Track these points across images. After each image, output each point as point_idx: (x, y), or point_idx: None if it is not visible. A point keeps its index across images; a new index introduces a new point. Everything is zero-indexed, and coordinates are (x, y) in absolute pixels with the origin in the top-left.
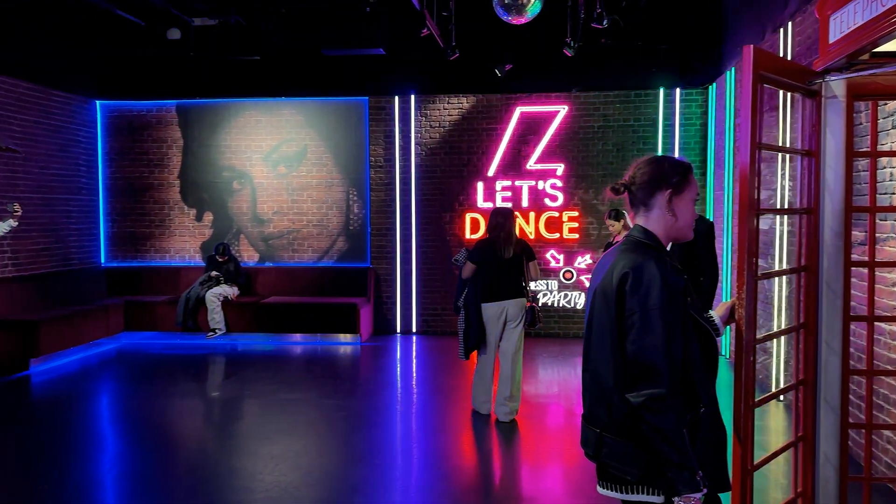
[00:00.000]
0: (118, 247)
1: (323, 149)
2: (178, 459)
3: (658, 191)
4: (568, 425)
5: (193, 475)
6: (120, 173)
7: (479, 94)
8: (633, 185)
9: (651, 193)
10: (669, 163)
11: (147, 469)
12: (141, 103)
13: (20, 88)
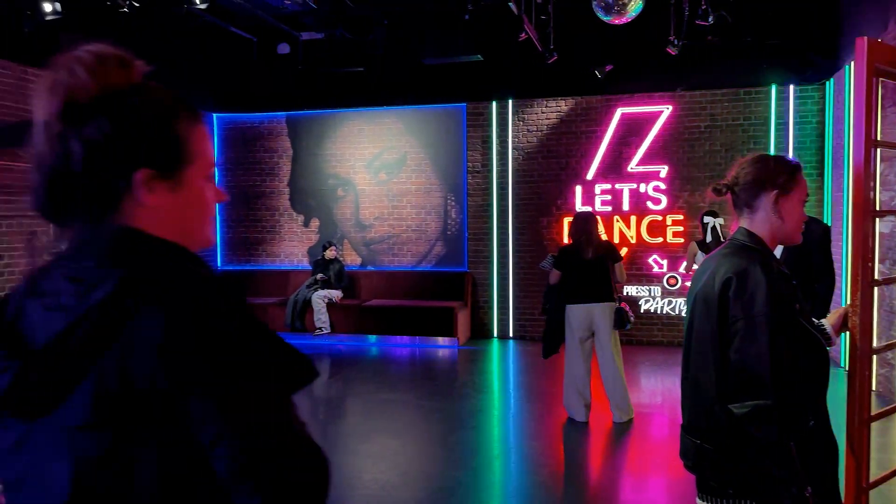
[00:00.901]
0: (233, 251)
1: (422, 155)
2: None
3: (763, 191)
4: (671, 436)
5: None
6: (235, 182)
7: (577, 97)
8: (737, 186)
9: (756, 194)
10: (776, 161)
11: None
12: (254, 115)
13: None
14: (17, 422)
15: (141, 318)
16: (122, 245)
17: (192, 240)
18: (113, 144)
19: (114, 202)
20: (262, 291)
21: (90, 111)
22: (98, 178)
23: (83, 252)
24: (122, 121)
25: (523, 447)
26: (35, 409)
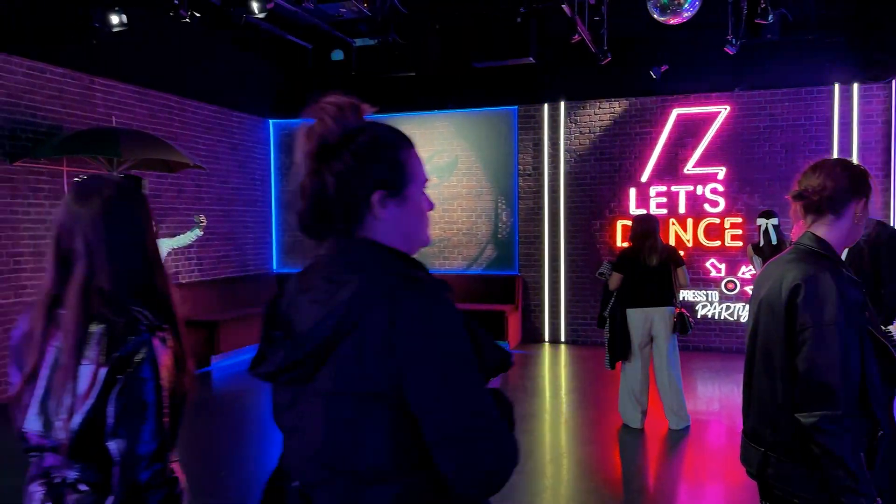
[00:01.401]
0: (288, 254)
1: (473, 159)
2: None
3: (854, 198)
4: (729, 444)
5: None
6: (290, 186)
7: (631, 98)
8: (824, 192)
9: (846, 201)
10: (860, 167)
11: None
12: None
13: (205, 111)
14: (290, 387)
15: (373, 312)
16: (363, 254)
17: (416, 241)
18: (355, 174)
19: (358, 218)
20: None
21: (337, 149)
22: (346, 201)
23: (335, 259)
24: (360, 154)
25: (576, 452)
26: (300, 378)
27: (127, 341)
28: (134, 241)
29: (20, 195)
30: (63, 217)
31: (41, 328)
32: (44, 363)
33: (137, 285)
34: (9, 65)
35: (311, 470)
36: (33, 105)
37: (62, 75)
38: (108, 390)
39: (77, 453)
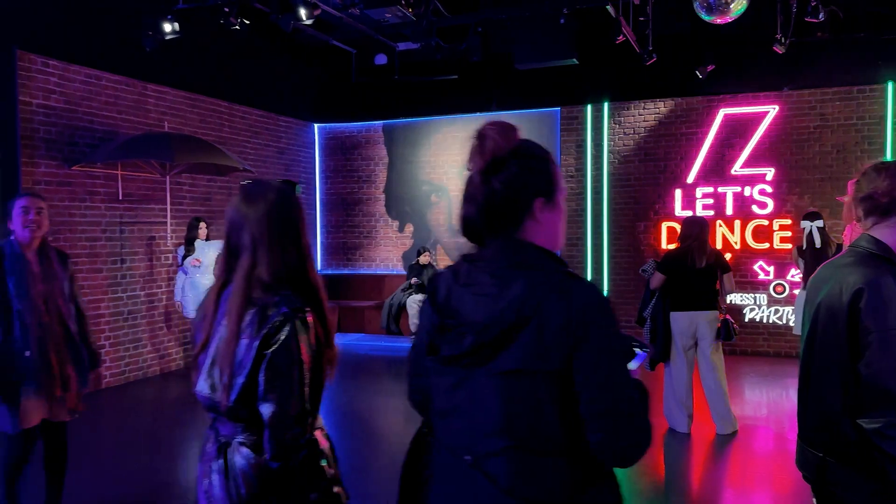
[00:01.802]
0: (332, 255)
1: None
2: (383, 455)
3: None
4: (778, 449)
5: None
6: (333, 189)
7: (677, 98)
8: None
9: None
10: None
11: (357, 462)
12: (352, 125)
13: (253, 116)
14: (458, 369)
15: (549, 302)
16: (528, 253)
17: (557, 243)
18: (522, 183)
19: (519, 222)
20: (359, 295)
21: (504, 163)
22: (513, 207)
23: (498, 257)
24: (526, 167)
25: None
26: (480, 360)
27: (275, 320)
28: (291, 237)
29: (77, 198)
30: (233, 216)
31: (213, 308)
32: (214, 337)
33: (291, 275)
34: (68, 73)
35: (486, 443)
36: (90, 111)
37: (117, 82)
38: (259, 362)
39: (237, 416)
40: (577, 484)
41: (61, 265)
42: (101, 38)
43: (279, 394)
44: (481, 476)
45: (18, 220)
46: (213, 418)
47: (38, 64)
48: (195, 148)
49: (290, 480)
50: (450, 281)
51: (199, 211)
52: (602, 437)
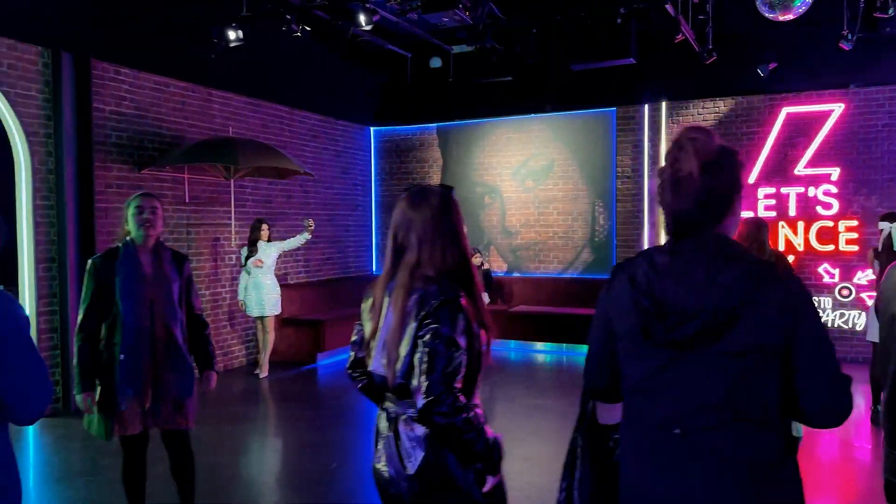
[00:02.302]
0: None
1: (570, 162)
2: None
3: None
4: (842, 457)
5: None
6: (388, 191)
7: (737, 97)
8: None
9: None
10: None
11: None
12: (407, 128)
13: (312, 120)
14: (668, 351)
15: (767, 288)
16: (733, 245)
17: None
18: (729, 180)
19: (721, 217)
20: None
21: (713, 163)
22: (723, 202)
23: (707, 249)
24: (730, 165)
25: None
26: (699, 343)
27: (431, 306)
28: (452, 236)
29: None
30: (400, 218)
31: (380, 296)
32: (382, 322)
33: (451, 268)
34: (138, 80)
35: (702, 417)
36: (159, 117)
37: (184, 89)
38: (419, 343)
39: (403, 392)
40: (780, 451)
41: (175, 267)
42: (169, 47)
43: (437, 370)
44: (694, 446)
45: (133, 221)
46: (384, 396)
47: (110, 72)
48: (258, 152)
49: (454, 449)
50: (648, 271)
51: (261, 213)
52: (821, 408)
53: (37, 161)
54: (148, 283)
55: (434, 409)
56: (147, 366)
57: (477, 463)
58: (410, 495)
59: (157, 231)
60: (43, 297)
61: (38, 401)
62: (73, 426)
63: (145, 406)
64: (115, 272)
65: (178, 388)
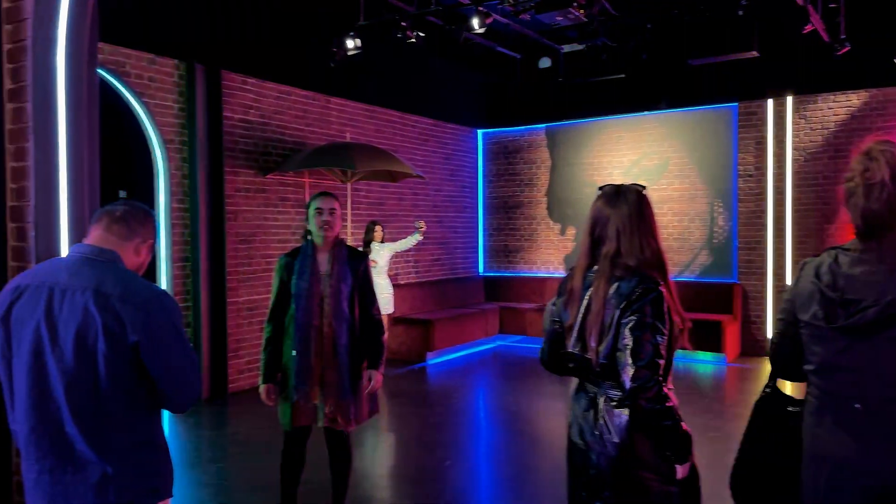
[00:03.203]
0: (493, 258)
1: (686, 160)
2: (548, 458)
3: None
4: None
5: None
6: (496, 193)
7: (871, 89)
8: None
9: None
10: None
11: (523, 460)
12: (515, 129)
13: (423, 124)
14: (849, 335)
15: None
16: None
17: None
18: None
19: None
20: (521, 297)
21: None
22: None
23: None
24: None
25: None
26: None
27: (633, 294)
28: (646, 229)
29: (271, 204)
30: (598, 214)
31: (580, 285)
32: (584, 310)
33: (647, 259)
34: (263, 90)
35: (882, 392)
36: (282, 124)
37: (305, 97)
38: (621, 328)
39: (604, 374)
40: None
41: (350, 267)
42: (291, 57)
43: (644, 357)
44: (874, 417)
45: (313, 222)
46: (582, 378)
47: (238, 82)
48: (373, 156)
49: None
50: (832, 265)
51: (375, 215)
52: None
53: (173, 167)
54: (320, 281)
55: (641, 395)
56: (315, 363)
57: (668, 450)
58: (611, 473)
59: (336, 231)
60: (178, 293)
61: (190, 390)
62: (205, 414)
63: (312, 402)
64: (293, 270)
65: (338, 388)
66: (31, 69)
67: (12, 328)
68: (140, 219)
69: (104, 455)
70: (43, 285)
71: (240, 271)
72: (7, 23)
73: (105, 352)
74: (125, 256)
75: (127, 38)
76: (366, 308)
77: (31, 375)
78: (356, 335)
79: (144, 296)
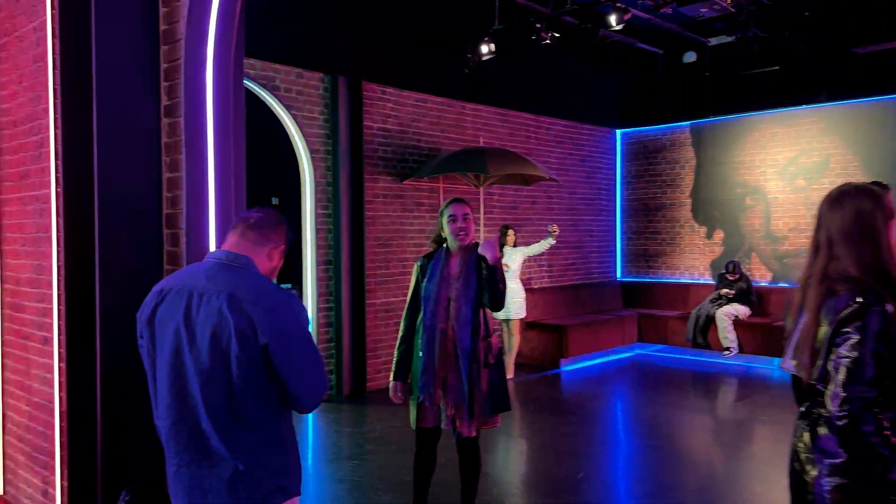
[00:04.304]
0: (632, 262)
1: (850, 157)
2: (690, 474)
3: None
4: None
5: (706, 493)
6: (635, 195)
7: None
8: None
9: None
10: None
11: (661, 477)
12: (656, 128)
13: (558, 126)
14: None
15: None
16: None
17: None
18: None
19: None
20: (662, 304)
21: None
22: None
23: None
24: None
25: None
26: None
27: (849, 309)
28: (871, 235)
29: (407, 209)
30: (817, 218)
31: (799, 298)
32: (799, 322)
33: (873, 269)
34: (401, 98)
35: None
36: (419, 132)
37: (441, 104)
38: (831, 346)
39: (817, 392)
40: None
41: (476, 271)
42: (427, 65)
43: (846, 374)
44: None
45: (447, 228)
46: (800, 396)
47: (377, 92)
48: (506, 160)
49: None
50: None
51: (507, 219)
52: None
53: (318, 175)
54: (449, 285)
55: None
56: (439, 365)
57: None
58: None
59: (471, 237)
60: (322, 294)
61: (317, 391)
62: (345, 412)
63: (436, 404)
64: (426, 272)
65: (457, 392)
66: (183, 86)
67: (156, 329)
68: (273, 225)
69: (235, 452)
70: (184, 289)
71: (378, 274)
72: (164, 44)
73: (237, 353)
74: (259, 261)
75: (277, 54)
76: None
77: (172, 374)
78: (479, 339)
79: (274, 300)
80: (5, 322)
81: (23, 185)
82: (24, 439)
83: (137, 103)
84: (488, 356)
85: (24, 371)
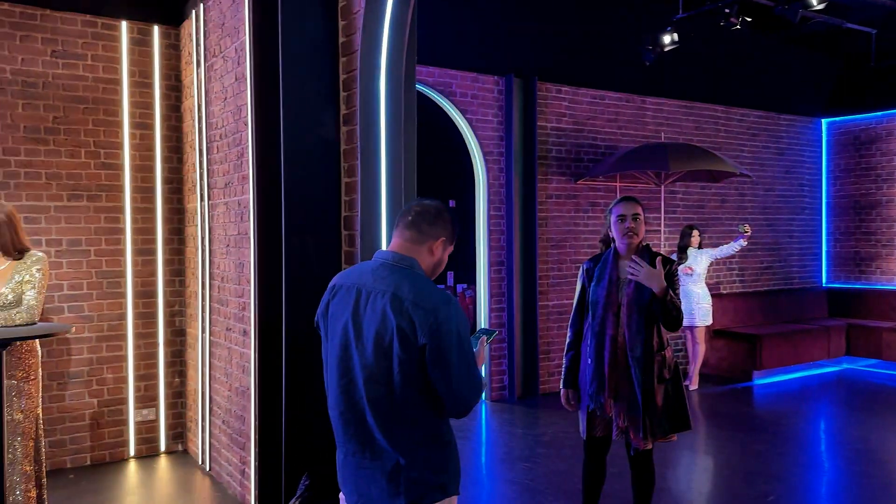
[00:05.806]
0: (840, 267)
1: None
2: None
3: None
4: None
5: None
6: (843, 191)
7: None
8: None
9: None
10: None
11: None
12: (870, 116)
13: (751, 118)
14: None
15: None
16: None
17: None
18: None
19: None
20: (874, 313)
21: None
22: None
23: None
24: None
25: None
26: None
27: None
28: None
29: (581, 209)
30: None
31: None
32: None
33: None
34: (577, 96)
35: None
36: (594, 129)
37: (618, 99)
38: None
39: None
40: None
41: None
42: (604, 61)
43: None
44: None
45: (615, 229)
46: None
47: (552, 92)
48: (690, 155)
49: None
50: None
51: (692, 219)
52: None
53: (491, 177)
54: (618, 290)
55: None
56: (609, 374)
57: None
58: None
59: (640, 238)
60: (494, 295)
61: (465, 397)
62: (517, 412)
63: (607, 413)
64: (593, 276)
65: (630, 401)
66: (359, 95)
67: (329, 323)
68: (430, 220)
69: (396, 447)
70: (353, 286)
71: (550, 275)
72: (343, 55)
73: (398, 352)
74: (421, 259)
75: (453, 60)
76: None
77: (340, 367)
78: (653, 348)
79: (434, 301)
80: (213, 315)
81: (227, 192)
82: (226, 421)
83: (318, 113)
84: (663, 371)
85: (226, 359)
